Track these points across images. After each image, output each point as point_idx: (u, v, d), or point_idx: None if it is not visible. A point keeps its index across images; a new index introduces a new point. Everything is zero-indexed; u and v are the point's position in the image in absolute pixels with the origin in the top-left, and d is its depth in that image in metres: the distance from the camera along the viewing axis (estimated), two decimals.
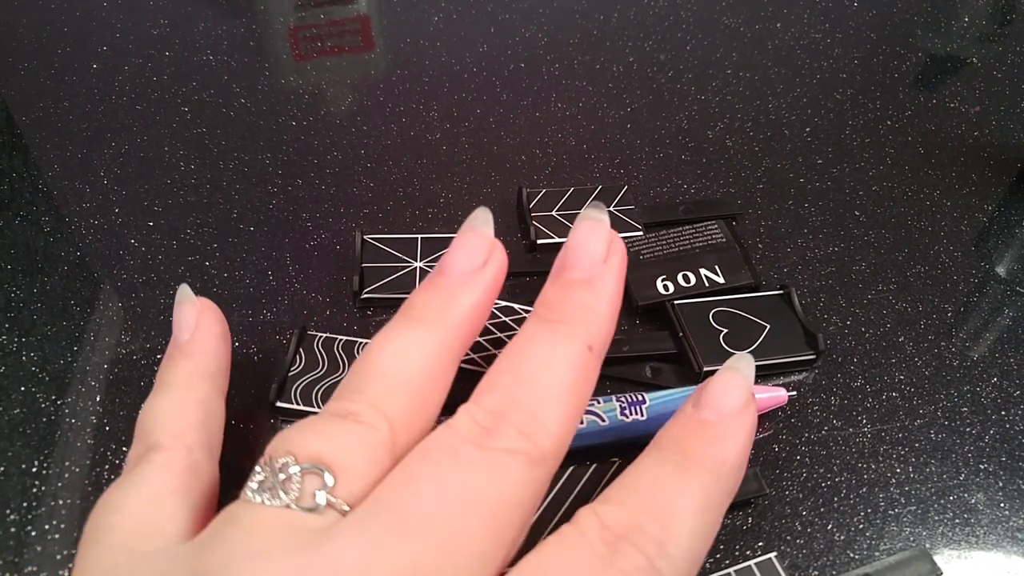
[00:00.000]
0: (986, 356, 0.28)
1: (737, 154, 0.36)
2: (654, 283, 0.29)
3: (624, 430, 0.24)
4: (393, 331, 0.20)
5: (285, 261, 0.31)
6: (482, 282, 0.21)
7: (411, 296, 0.21)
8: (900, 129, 0.37)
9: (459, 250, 0.21)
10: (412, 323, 0.21)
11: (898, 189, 0.34)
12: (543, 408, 0.18)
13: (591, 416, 0.23)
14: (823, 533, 0.23)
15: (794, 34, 0.43)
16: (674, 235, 0.30)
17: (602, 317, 0.20)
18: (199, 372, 0.22)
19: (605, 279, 0.21)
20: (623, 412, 0.24)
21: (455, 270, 0.21)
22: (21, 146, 0.37)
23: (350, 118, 0.38)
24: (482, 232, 0.22)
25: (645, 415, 0.24)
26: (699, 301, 0.28)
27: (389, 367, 0.19)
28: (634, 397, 0.24)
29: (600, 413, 0.24)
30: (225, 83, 0.40)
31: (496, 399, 0.18)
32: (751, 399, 0.19)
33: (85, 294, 0.30)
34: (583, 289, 0.20)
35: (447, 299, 0.21)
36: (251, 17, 0.45)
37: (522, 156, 0.35)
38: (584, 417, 0.23)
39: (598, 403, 0.24)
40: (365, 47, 0.43)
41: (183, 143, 0.36)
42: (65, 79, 0.40)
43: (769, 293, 0.28)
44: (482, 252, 0.21)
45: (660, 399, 0.24)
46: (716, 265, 0.29)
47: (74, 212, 0.33)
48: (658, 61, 0.41)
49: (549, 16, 0.44)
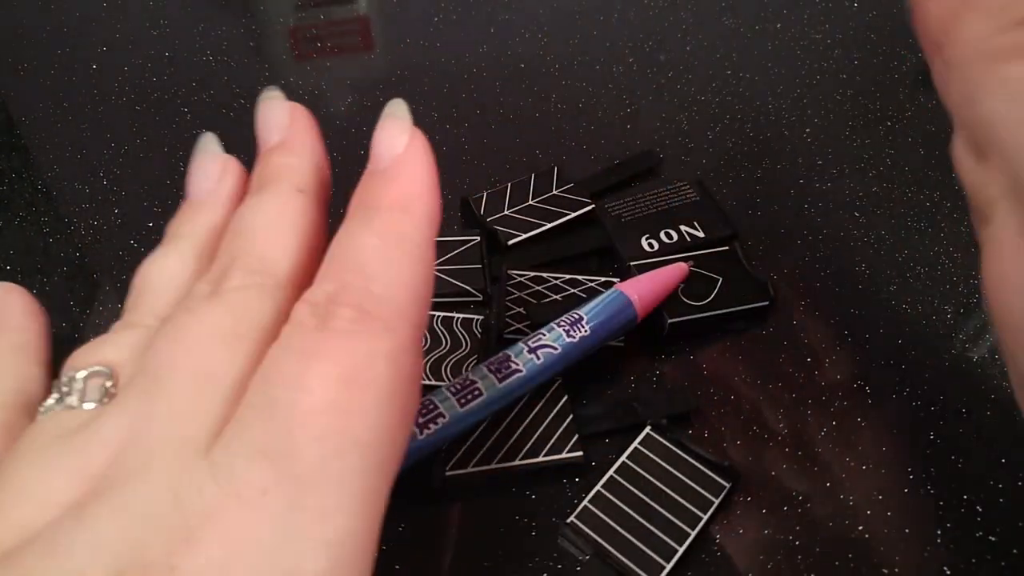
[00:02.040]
0: (986, 357, 0.28)
1: (737, 155, 0.36)
2: (639, 242, 0.31)
3: (575, 348, 0.26)
4: (154, 254, 0.22)
5: None
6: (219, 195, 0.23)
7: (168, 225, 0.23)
8: (900, 130, 0.37)
9: (195, 174, 0.23)
10: (167, 243, 0.22)
11: (898, 190, 0.34)
12: (267, 247, 0.19)
13: (545, 349, 0.25)
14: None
15: (794, 35, 0.43)
16: (651, 196, 0.33)
17: (302, 164, 0.22)
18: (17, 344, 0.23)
19: (294, 135, 0.22)
20: (568, 334, 0.25)
21: (196, 193, 0.23)
22: (21, 146, 0.37)
23: (350, 119, 0.38)
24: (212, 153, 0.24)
25: (588, 330, 0.26)
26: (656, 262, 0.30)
27: (155, 279, 0.21)
28: (574, 316, 0.26)
29: (550, 343, 0.25)
30: (225, 83, 0.40)
31: (222, 261, 0.20)
32: (415, 134, 0.20)
33: (85, 294, 0.30)
34: (276, 152, 0.22)
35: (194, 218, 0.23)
36: (251, 17, 0.45)
37: (522, 157, 0.35)
38: (539, 352, 0.25)
39: (544, 335, 0.25)
40: (365, 47, 0.43)
41: (183, 144, 0.36)
42: (65, 79, 0.40)
43: (717, 249, 0.30)
44: (215, 170, 0.23)
45: (595, 308, 0.26)
46: (694, 221, 0.31)
47: (73, 212, 0.33)
48: (658, 62, 0.41)
49: (549, 17, 0.44)
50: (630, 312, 0.26)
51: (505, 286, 0.29)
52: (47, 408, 0.19)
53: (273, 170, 0.22)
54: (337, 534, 0.15)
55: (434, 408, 0.23)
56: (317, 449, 0.15)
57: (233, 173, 0.24)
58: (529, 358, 0.25)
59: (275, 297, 0.19)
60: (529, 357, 0.25)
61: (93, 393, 0.18)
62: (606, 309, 0.26)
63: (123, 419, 0.17)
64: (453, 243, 0.31)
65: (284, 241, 0.20)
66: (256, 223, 0.20)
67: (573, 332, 0.25)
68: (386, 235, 0.18)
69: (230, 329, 0.18)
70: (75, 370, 0.19)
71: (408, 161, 0.20)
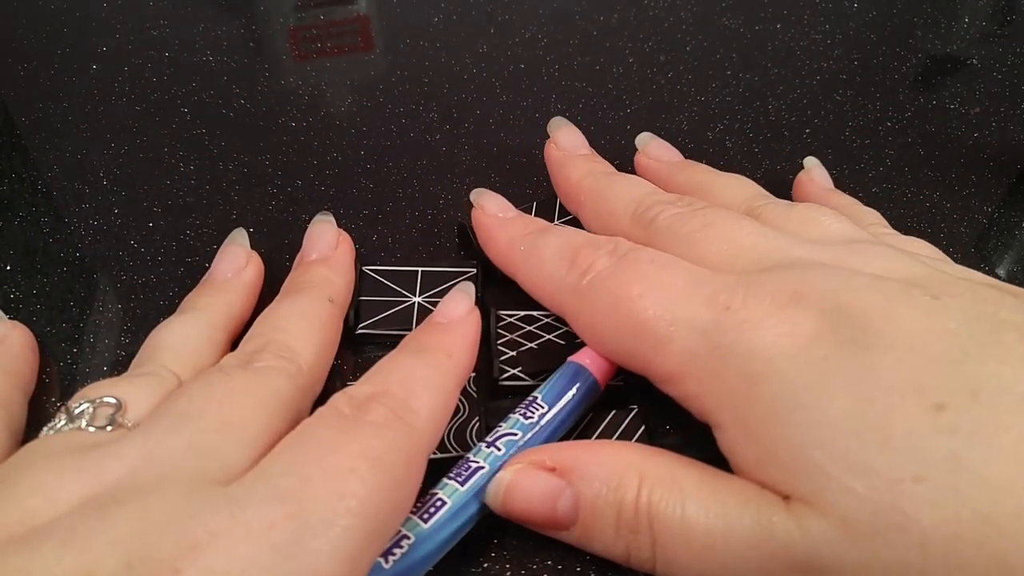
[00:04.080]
0: None
1: (737, 155, 0.36)
2: None
3: (541, 429, 0.23)
4: (170, 320, 0.25)
5: (284, 262, 0.31)
6: (242, 281, 0.27)
7: (185, 299, 0.27)
8: (900, 130, 0.37)
9: (222, 259, 0.28)
10: (184, 312, 0.26)
11: (898, 191, 0.34)
12: (295, 340, 0.23)
13: (506, 438, 0.23)
14: None
15: (794, 35, 0.43)
16: None
17: (338, 281, 0.26)
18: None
19: (339, 257, 0.27)
20: (526, 416, 0.23)
21: (218, 275, 0.27)
22: (21, 147, 0.37)
23: (350, 119, 0.38)
24: (240, 245, 0.28)
25: (545, 406, 0.23)
26: None
27: (170, 341, 0.24)
28: (529, 399, 0.24)
29: (509, 431, 0.23)
30: (225, 84, 0.40)
31: (255, 342, 0.23)
32: (472, 309, 0.24)
33: (84, 295, 0.30)
34: (320, 265, 0.27)
35: (213, 296, 0.26)
36: (251, 18, 0.45)
37: (523, 158, 0.35)
38: (499, 443, 0.22)
39: (501, 425, 0.23)
40: (365, 48, 0.43)
41: (183, 144, 0.36)
42: (65, 80, 0.40)
43: None
44: (241, 260, 0.28)
45: (548, 384, 0.24)
46: None
47: (74, 213, 0.33)
48: (658, 62, 0.41)
49: (549, 17, 0.44)
50: (589, 380, 0.24)
51: (496, 329, 0.27)
52: (56, 428, 0.20)
53: (313, 278, 0.26)
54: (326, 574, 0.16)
55: (397, 532, 0.20)
56: (329, 506, 0.17)
57: (255, 267, 0.28)
58: (489, 452, 0.22)
59: (296, 381, 0.22)
60: (489, 451, 0.22)
61: (101, 420, 0.20)
62: (559, 383, 0.24)
63: (144, 444, 0.18)
64: (446, 274, 0.29)
65: (311, 338, 0.23)
66: (291, 319, 0.24)
67: (530, 414, 0.23)
68: (431, 367, 0.21)
69: (256, 393, 0.20)
70: (87, 399, 0.21)
71: (463, 325, 0.23)
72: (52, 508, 0.17)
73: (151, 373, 0.22)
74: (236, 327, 0.27)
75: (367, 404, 0.19)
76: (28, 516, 0.17)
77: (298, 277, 0.26)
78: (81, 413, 0.20)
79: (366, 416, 0.19)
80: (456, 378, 0.22)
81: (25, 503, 0.17)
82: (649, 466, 0.20)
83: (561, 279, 0.24)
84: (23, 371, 0.26)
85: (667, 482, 0.20)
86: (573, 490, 0.20)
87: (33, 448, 0.19)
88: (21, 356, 0.26)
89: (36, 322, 0.28)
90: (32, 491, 0.17)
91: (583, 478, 0.20)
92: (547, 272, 0.25)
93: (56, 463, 0.18)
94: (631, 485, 0.20)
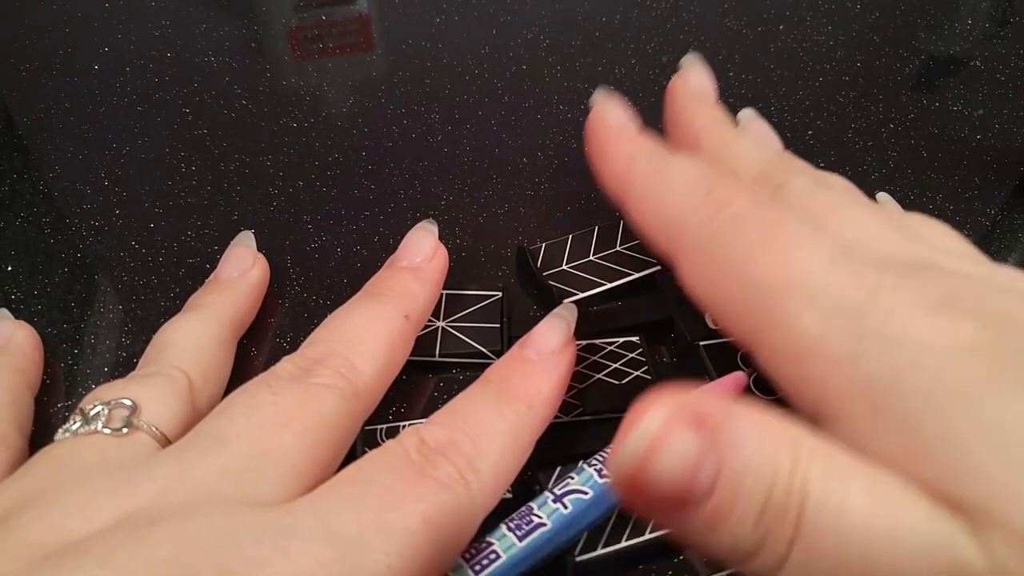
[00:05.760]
0: None
1: None
2: (703, 317, 0.26)
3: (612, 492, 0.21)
4: (176, 318, 0.25)
5: (286, 263, 0.31)
6: (248, 281, 0.27)
7: (190, 298, 0.26)
8: (902, 132, 0.37)
9: (228, 260, 0.27)
10: (189, 311, 0.25)
11: (900, 192, 0.34)
12: (359, 357, 0.21)
13: (574, 495, 0.21)
14: None
15: (796, 36, 0.43)
16: None
17: (421, 297, 0.24)
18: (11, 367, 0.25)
19: (429, 270, 0.25)
20: (601, 474, 0.21)
21: (224, 275, 0.27)
22: (22, 147, 0.37)
23: (351, 119, 0.38)
24: (246, 247, 0.28)
25: None
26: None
27: (178, 339, 0.23)
28: (606, 454, 0.22)
29: (579, 487, 0.21)
30: (226, 84, 0.39)
31: (317, 349, 0.21)
32: (569, 341, 0.22)
33: (85, 296, 0.30)
34: (407, 273, 0.25)
35: (219, 294, 0.26)
36: (252, 18, 0.45)
37: (524, 159, 0.35)
38: (567, 500, 0.21)
39: (572, 478, 0.21)
40: (366, 48, 0.43)
41: (184, 145, 0.36)
42: (66, 80, 0.40)
43: None
44: (248, 261, 0.27)
45: None
46: None
47: (75, 213, 0.33)
48: (660, 63, 0.41)
49: (551, 18, 0.44)
50: None
51: None
52: (71, 431, 0.20)
53: (396, 285, 0.24)
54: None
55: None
56: (379, 559, 0.17)
57: (261, 268, 0.28)
58: (555, 508, 0.21)
59: (350, 403, 0.21)
60: (555, 507, 0.21)
61: (117, 422, 0.20)
62: None
63: (177, 465, 0.18)
64: (471, 298, 0.28)
65: (376, 356, 0.22)
66: (360, 331, 0.22)
67: (607, 472, 0.21)
68: (507, 420, 0.20)
69: (301, 420, 0.19)
70: (100, 401, 0.20)
71: (555, 365, 0.22)
72: (86, 526, 0.17)
73: (161, 373, 0.22)
74: (241, 326, 0.27)
75: (435, 458, 0.19)
76: (65, 532, 0.17)
77: (381, 281, 0.25)
78: (96, 415, 0.20)
79: (433, 471, 0.18)
80: (532, 432, 0.21)
81: (61, 524, 0.17)
82: (804, 436, 0.15)
83: (687, 212, 0.20)
84: (31, 370, 0.26)
85: (824, 460, 0.15)
86: (718, 455, 0.15)
87: (60, 458, 0.19)
88: (29, 355, 0.26)
89: (37, 323, 0.28)
90: (68, 511, 0.17)
91: (733, 440, 0.15)
92: (670, 200, 0.20)
93: (91, 481, 0.18)
94: (787, 456, 0.15)
